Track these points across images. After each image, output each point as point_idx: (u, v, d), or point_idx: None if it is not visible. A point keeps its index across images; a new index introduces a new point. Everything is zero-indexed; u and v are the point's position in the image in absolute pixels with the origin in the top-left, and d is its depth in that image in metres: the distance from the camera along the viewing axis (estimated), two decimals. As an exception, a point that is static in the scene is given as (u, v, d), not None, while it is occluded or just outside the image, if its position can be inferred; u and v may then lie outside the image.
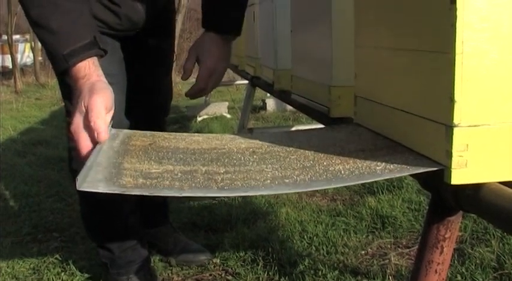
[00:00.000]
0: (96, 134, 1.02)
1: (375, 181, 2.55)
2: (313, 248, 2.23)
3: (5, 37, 12.69)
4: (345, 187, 2.94)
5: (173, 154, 1.00)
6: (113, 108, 1.11)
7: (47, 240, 2.48)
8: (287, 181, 0.83)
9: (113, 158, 0.95)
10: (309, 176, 0.84)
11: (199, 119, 5.62)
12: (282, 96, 2.10)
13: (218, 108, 5.88)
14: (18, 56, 12.97)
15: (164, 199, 2.25)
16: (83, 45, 1.14)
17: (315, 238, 2.31)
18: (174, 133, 1.18)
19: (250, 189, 0.81)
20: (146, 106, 1.92)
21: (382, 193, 2.77)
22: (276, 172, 0.88)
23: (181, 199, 2.79)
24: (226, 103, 6.09)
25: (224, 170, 0.90)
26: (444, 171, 0.79)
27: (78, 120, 1.05)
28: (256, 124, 5.29)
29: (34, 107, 8.19)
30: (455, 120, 0.76)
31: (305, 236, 2.33)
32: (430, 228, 0.92)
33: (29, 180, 3.45)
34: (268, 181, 0.83)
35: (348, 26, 1.25)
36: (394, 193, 2.76)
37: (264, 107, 6.13)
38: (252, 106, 3.45)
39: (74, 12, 1.16)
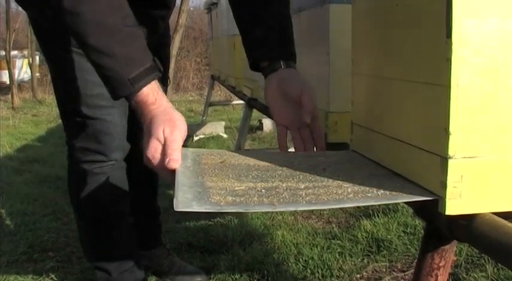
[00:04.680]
0: (168, 161, 1.03)
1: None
2: (309, 271, 2.23)
3: (2, 53, 12.69)
4: (341, 209, 2.95)
5: (247, 171, 1.03)
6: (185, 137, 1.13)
7: (43, 260, 2.47)
8: (369, 195, 0.86)
9: (192, 177, 0.97)
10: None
11: (195, 138, 5.63)
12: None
13: (215, 128, 5.88)
14: (16, 72, 12.95)
15: (158, 221, 2.25)
16: (146, 69, 1.13)
17: (310, 261, 2.31)
18: (238, 150, 1.20)
19: (338, 202, 0.84)
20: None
21: (378, 216, 2.78)
22: (355, 187, 0.90)
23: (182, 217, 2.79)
24: (223, 123, 6.10)
25: (304, 185, 0.92)
26: (439, 201, 0.80)
27: (156, 147, 1.06)
28: (252, 144, 5.30)
29: (31, 123, 8.18)
30: (450, 152, 0.78)
31: (300, 259, 2.33)
32: (425, 257, 0.93)
33: (25, 198, 3.45)
34: (351, 195, 0.86)
35: (346, 53, 1.27)
36: (389, 216, 2.77)
37: (260, 127, 6.14)
38: (248, 127, 3.46)
39: (133, 36, 1.15)
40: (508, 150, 0.79)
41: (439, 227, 0.88)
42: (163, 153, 1.05)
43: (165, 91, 2.05)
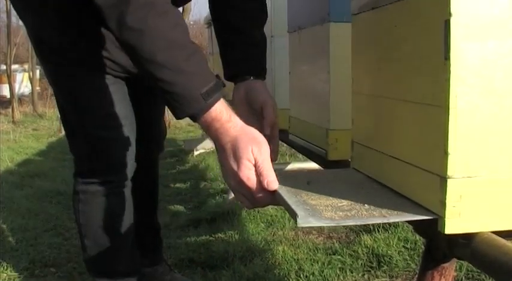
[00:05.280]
0: (267, 183, 1.04)
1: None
2: (310, 286, 2.24)
3: (3, 67, 12.74)
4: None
5: (332, 189, 1.04)
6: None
7: (44, 275, 2.47)
8: (374, 212, 0.89)
9: (292, 197, 0.98)
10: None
11: (196, 153, 5.64)
12: (280, 135, 2.12)
13: (215, 142, 5.89)
14: (16, 86, 13.00)
15: (159, 237, 2.26)
16: (215, 84, 1.10)
17: (311, 276, 2.31)
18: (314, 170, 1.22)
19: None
20: (143, 144, 1.94)
21: (378, 232, 2.78)
22: (357, 205, 0.93)
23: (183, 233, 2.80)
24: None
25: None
26: (438, 220, 0.82)
27: (250, 169, 1.05)
28: (253, 159, 5.31)
29: (31, 137, 8.20)
30: (449, 172, 0.79)
31: (301, 275, 2.33)
32: (425, 274, 0.94)
33: (26, 213, 3.45)
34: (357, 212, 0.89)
35: (346, 71, 1.28)
36: (390, 232, 2.77)
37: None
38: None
39: (197, 52, 1.12)
40: (506, 169, 0.81)
41: (438, 246, 0.89)
42: (259, 175, 1.05)
43: (164, 106, 2.07)
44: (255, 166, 1.05)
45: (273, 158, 1.31)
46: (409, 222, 0.98)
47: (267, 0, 1.52)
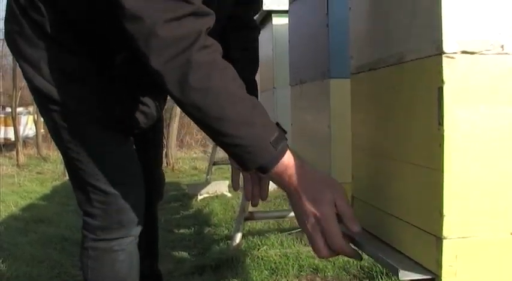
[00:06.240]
0: (350, 224, 1.06)
1: (374, 265, 2.56)
2: None
3: (8, 109, 12.83)
4: (345, 271, 2.95)
5: None
6: None
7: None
8: None
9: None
10: None
11: (200, 197, 5.65)
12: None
13: (219, 187, 5.91)
14: (21, 128, 13.07)
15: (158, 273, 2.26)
16: (280, 133, 1.11)
17: (315, 324, 2.32)
18: None
19: None
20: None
21: (381, 278, 2.79)
22: None
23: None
24: (227, 182, 6.13)
25: None
26: (435, 279, 0.84)
27: (330, 208, 1.06)
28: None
29: (36, 181, 8.22)
30: (445, 233, 0.82)
31: (305, 323, 2.34)
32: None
33: (30, 260, 3.45)
34: None
35: (346, 125, 1.32)
36: (393, 279, 2.77)
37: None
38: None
39: (259, 104, 1.13)
40: (500, 229, 0.84)
41: (436, 303, 0.91)
42: (341, 215, 1.06)
43: (162, 156, 2.10)
44: (336, 207, 1.06)
45: (263, 194, 1.36)
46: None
47: (270, 53, 1.57)
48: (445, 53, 0.82)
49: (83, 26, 1.40)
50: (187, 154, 11.54)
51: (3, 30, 1.48)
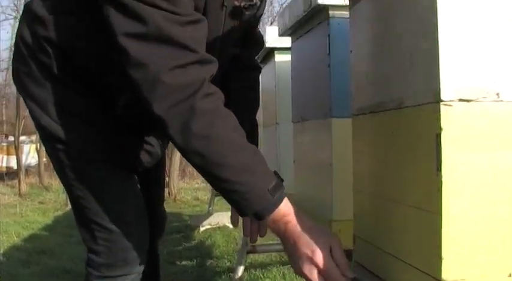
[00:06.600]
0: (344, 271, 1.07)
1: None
2: None
3: (11, 138, 12.85)
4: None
5: None
6: None
7: None
8: None
9: None
10: None
11: (202, 229, 5.64)
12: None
13: (221, 218, 5.89)
14: (23, 157, 13.06)
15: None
16: (278, 181, 1.13)
17: None
18: None
19: None
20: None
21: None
22: None
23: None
24: (229, 213, 6.12)
25: None
26: (435, 321, 0.86)
27: (326, 253, 1.07)
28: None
29: (38, 211, 8.19)
30: (444, 276, 0.84)
31: None
32: None
33: (32, 293, 3.46)
34: None
35: (348, 163, 1.34)
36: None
37: (265, 217, 6.15)
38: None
39: (258, 152, 1.16)
40: (498, 271, 0.86)
41: None
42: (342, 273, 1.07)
43: (164, 193, 2.11)
44: (331, 253, 1.07)
45: (261, 233, 1.34)
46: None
47: (272, 90, 1.60)
48: (442, 101, 0.85)
49: (90, 70, 1.42)
50: (189, 184, 11.51)
51: (11, 69, 1.50)
